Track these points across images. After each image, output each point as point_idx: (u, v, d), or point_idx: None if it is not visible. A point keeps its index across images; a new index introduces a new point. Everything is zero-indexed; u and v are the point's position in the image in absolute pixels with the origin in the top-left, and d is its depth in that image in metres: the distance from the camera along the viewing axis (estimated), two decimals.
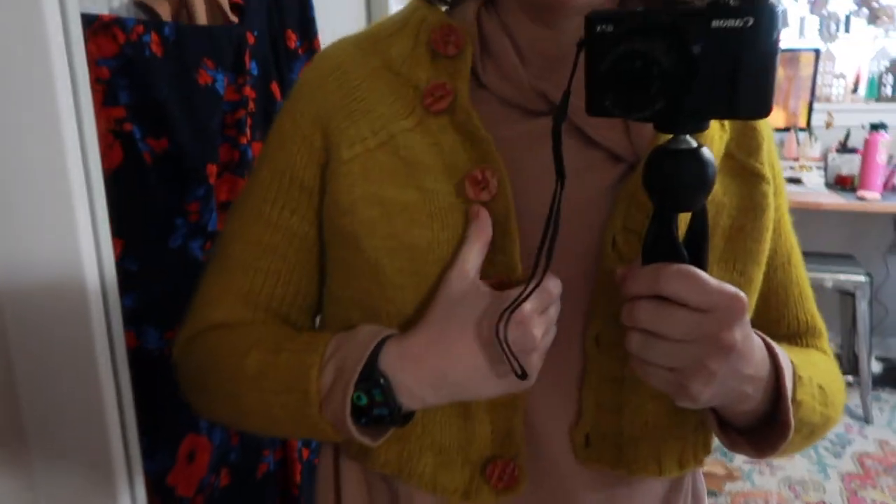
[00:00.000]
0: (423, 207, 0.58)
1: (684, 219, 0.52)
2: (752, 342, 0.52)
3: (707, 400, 0.51)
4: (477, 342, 0.55)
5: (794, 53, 3.18)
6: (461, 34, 0.61)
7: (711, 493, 2.49)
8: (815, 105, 3.23)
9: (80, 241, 0.44)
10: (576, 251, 0.58)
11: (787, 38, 3.41)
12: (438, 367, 0.55)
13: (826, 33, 3.31)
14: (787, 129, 3.26)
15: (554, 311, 0.56)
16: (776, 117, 3.26)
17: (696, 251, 0.51)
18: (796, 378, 0.59)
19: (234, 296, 0.65)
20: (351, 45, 0.66)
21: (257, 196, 0.65)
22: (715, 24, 0.45)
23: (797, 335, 0.69)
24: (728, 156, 0.62)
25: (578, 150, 0.59)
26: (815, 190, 3.00)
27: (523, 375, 0.54)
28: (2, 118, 0.46)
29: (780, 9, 0.45)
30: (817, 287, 2.85)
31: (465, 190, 0.58)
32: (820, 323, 0.70)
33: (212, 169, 0.82)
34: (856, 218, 3.28)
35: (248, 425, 0.64)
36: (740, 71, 0.45)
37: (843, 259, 2.97)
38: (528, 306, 0.53)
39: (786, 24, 3.36)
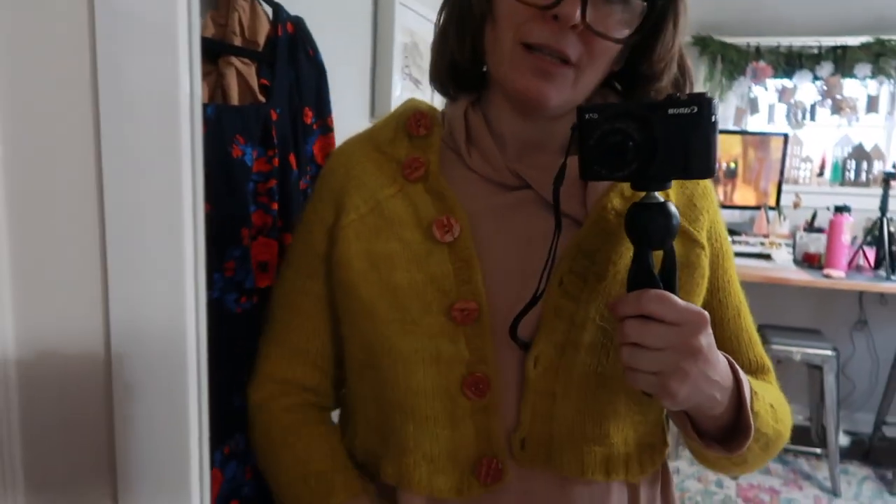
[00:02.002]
0: (403, 254, 0.74)
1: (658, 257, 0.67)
2: (717, 353, 0.66)
3: (684, 398, 0.63)
4: None
5: (764, 137, 3.37)
6: (429, 118, 0.80)
7: None
8: (784, 186, 3.41)
9: (187, 296, 0.51)
10: (528, 290, 0.71)
11: (757, 124, 3.62)
12: None
13: (794, 120, 3.52)
14: (757, 208, 3.43)
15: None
16: (748, 196, 3.43)
17: (667, 280, 0.66)
18: (753, 393, 0.72)
19: (281, 349, 0.83)
20: (355, 141, 0.85)
21: (292, 265, 0.84)
22: (671, 111, 0.62)
23: (750, 372, 0.82)
24: None
25: (538, 213, 0.76)
26: (784, 266, 3.13)
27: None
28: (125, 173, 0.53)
29: (716, 101, 0.63)
30: (786, 360, 2.96)
31: (433, 233, 0.74)
32: (768, 362, 0.85)
33: (245, 232, 0.92)
34: (823, 294, 3.42)
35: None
36: (690, 144, 0.62)
37: (811, 333, 3.09)
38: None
39: (756, 111, 3.58)
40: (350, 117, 1.40)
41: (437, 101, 1.98)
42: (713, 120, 0.62)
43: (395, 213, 0.76)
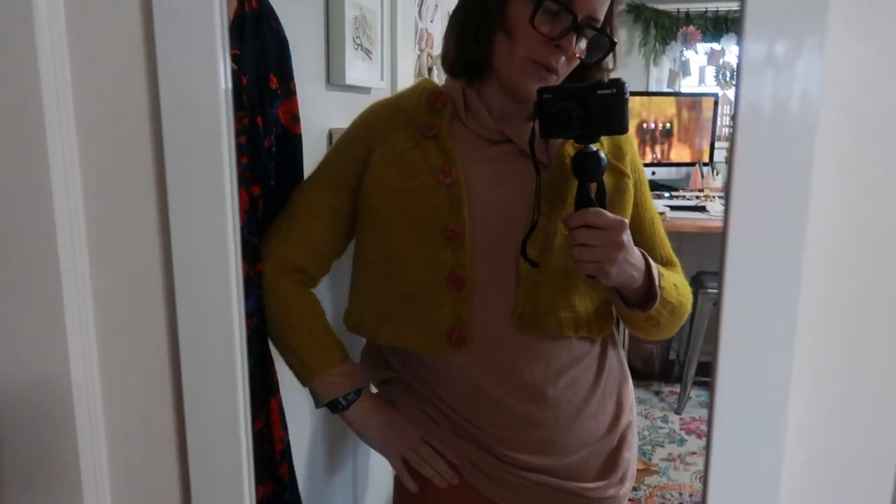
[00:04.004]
0: (416, 189, 1.04)
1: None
2: (634, 247, 0.98)
3: (614, 276, 0.95)
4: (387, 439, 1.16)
5: (696, 98, 3.60)
6: (446, 96, 1.09)
7: (633, 488, 2.77)
8: (717, 143, 3.65)
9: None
10: (522, 206, 1.03)
11: (689, 86, 3.85)
12: (370, 430, 1.16)
13: (722, 81, 3.76)
14: (692, 164, 3.67)
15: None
16: (683, 154, 3.67)
17: (600, 201, 0.97)
18: (660, 275, 1.03)
19: (296, 240, 1.14)
20: (384, 104, 1.16)
21: (318, 180, 1.16)
22: (599, 92, 0.95)
23: (662, 265, 1.11)
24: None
25: (517, 161, 1.06)
26: (718, 217, 3.36)
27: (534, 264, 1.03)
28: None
29: (626, 85, 0.95)
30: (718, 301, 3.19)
31: (439, 176, 1.04)
32: (675, 259, 1.16)
33: None
34: None
35: (273, 339, 1.14)
36: (611, 113, 0.96)
37: None
38: None
39: (688, 73, 3.81)
40: (308, 84, 1.55)
41: (386, 73, 2.12)
42: (626, 97, 0.95)
43: (413, 160, 1.06)
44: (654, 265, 1.03)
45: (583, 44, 1.03)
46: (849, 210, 0.60)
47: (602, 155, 0.97)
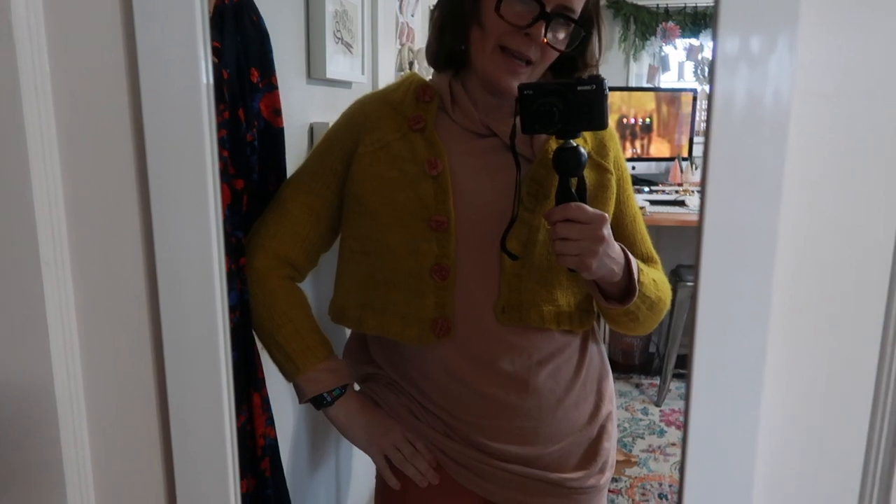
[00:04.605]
0: (401, 180, 1.04)
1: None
2: (614, 242, 0.99)
3: (595, 270, 0.96)
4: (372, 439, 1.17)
5: (675, 94, 3.63)
6: (433, 90, 1.10)
7: (613, 479, 2.80)
8: (696, 138, 3.69)
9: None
10: (507, 199, 1.04)
11: (668, 81, 3.88)
12: (353, 427, 1.16)
13: (701, 76, 3.79)
14: (671, 159, 3.70)
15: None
16: (663, 149, 3.70)
17: (581, 195, 0.98)
18: (640, 271, 1.04)
19: (286, 232, 1.14)
20: (372, 97, 1.18)
21: (308, 172, 1.17)
22: (579, 88, 0.95)
23: (642, 261, 1.12)
24: (590, 157, 1.07)
25: (502, 154, 1.06)
26: (695, 211, 3.41)
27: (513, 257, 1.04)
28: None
29: (606, 81, 0.96)
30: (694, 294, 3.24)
31: (425, 168, 1.05)
32: (655, 255, 1.17)
33: None
34: None
35: (259, 334, 1.14)
36: (591, 109, 0.96)
37: None
38: None
39: (667, 69, 3.84)
40: (288, 78, 1.54)
41: (367, 67, 2.11)
42: (605, 93, 0.96)
43: (399, 152, 1.07)
44: (633, 260, 1.05)
45: (560, 34, 1.03)
46: (822, 203, 0.61)
47: (582, 150, 0.98)
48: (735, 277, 0.59)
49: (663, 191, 3.58)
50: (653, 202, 3.29)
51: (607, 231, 0.96)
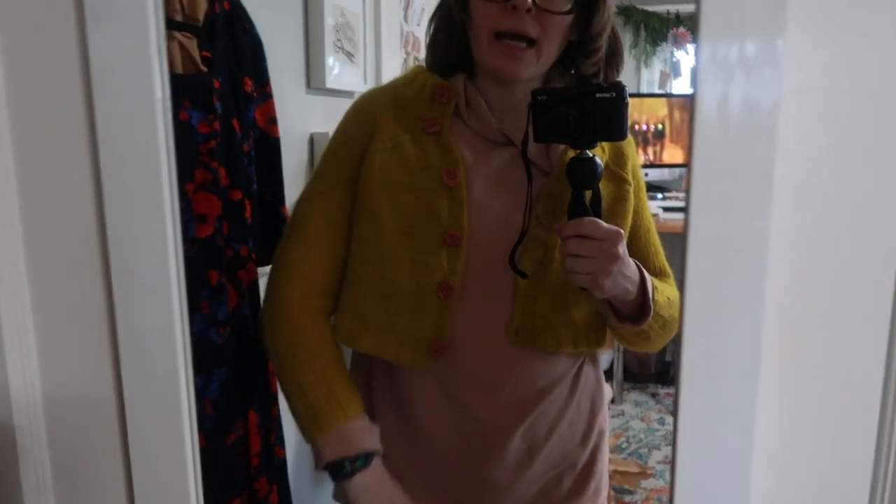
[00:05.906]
0: (409, 184, 0.98)
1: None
2: (629, 259, 0.92)
3: (608, 289, 0.89)
4: None
5: (688, 99, 3.58)
6: (451, 92, 1.02)
7: (628, 491, 2.74)
8: None
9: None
10: (520, 214, 0.96)
11: (680, 87, 3.84)
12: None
13: None
14: (685, 166, 3.64)
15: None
16: (676, 155, 3.65)
17: (595, 210, 0.91)
18: (654, 288, 0.97)
19: (314, 255, 1.03)
20: (379, 92, 1.08)
21: (326, 181, 1.05)
22: (598, 95, 0.88)
23: (655, 275, 1.05)
24: (607, 167, 1.01)
25: (519, 165, 0.96)
26: None
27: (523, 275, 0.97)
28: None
29: (626, 89, 0.89)
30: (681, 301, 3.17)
31: (443, 177, 0.97)
32: (669, 269, 1.10)
33: (189, 186, 1.04)
34: None
35: (281, 383, 1.04)
36: (610, 118, 0.89)
37: None
38: None
39: (679, 74, 3.79)
40: (287, 88, 1.53)
41: (370, 75, 2.10)
42: (626, 101, 0.89)
43: (410, 154, 0.99)
44: (648, 278, 0.97)
45: (550, 2, 0.92)
46: (812, 207, 0.58)
47: (598, 161, 0.91)
48: (723, 291, 0.56)
49: (676, 197, 3.53)
50: (666, 209, 3.23)
51: (622, 249, 0.89)
